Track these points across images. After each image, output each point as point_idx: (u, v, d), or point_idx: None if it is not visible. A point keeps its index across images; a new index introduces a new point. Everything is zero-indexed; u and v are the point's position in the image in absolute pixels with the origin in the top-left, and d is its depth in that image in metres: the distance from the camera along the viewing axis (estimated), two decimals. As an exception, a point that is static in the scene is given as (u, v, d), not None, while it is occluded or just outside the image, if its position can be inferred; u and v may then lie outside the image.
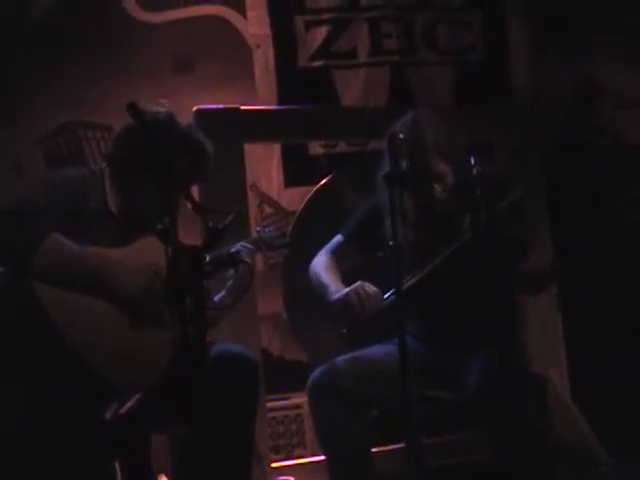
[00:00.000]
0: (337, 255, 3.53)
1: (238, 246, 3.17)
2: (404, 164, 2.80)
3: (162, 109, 2.92)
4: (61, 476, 2.60)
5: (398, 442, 3.42)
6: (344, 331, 3.27)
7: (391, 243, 2.70)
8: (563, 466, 3.58)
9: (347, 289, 3.22)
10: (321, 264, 3.50)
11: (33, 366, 2.63)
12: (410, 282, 3.18)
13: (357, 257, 3.56)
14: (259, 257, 4.37)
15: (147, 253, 2.73)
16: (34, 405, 2.59)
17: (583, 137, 5.05)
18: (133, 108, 2.37)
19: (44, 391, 2.61)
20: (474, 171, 2.89)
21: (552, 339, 4.38)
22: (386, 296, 3.20)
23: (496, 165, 4.06)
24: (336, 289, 3.29)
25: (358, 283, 3.20)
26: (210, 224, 2.44)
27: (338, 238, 3.57)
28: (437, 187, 3.27)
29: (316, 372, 3.26)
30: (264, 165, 4.68)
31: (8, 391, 2.63)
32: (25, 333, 2.64)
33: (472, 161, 2.91)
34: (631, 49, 5.08)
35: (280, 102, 4.66)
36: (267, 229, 3.46)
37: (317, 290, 3.43)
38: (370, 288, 3.19)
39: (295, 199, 4.62)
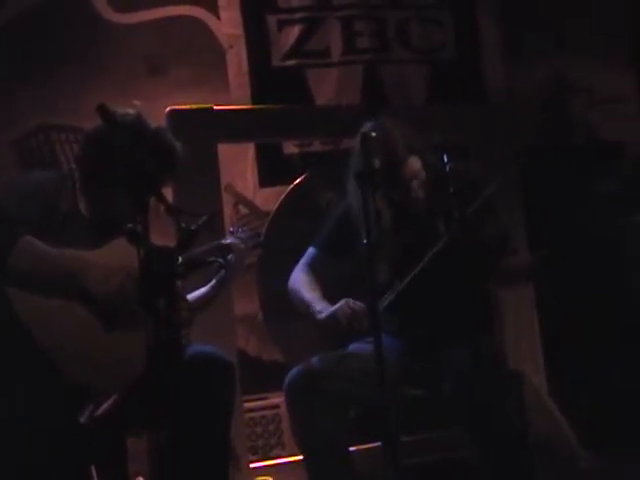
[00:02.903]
0: (314, 268, 3.50)
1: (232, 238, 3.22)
2: (376, 162, 2.80)
3: (131, 110, 2.91)
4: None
5: (376, 441, 3.43)
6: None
7: (365, 241, 2.70)
8: (542, 462, 3.59)
9: (333, 308, 3.20)
10: (300, 281, 3.46)
11: (6, 373, 2.61)
12: (390, 297, 3.17)
13: (334, 266, 3.52)
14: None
15: (120, 255, 2.71)
16: (8, 412, 2.58)
17: (557, 135, 5.07)
18: (102, 109, 2.36)
19: (18, 397, 2.59)
20: (446, 168, 2.90)
21: (529, 336, 4.39)
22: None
23: (469, 163, 4.08)
24: (321, 308, 3.27)
25: (343, 301, 3.19)
26: (183, 225, 2.44)
27: (312, 251, 3.54)
28: (412, 186, 3.27)
29: (293, 372, 3.25)
30: (239, 165, 4.68)
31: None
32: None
33: (444, 158, 2.93)
34: (601, 46, 5.11)
35: (254, 102, 4.66)
36: (241, 229, 3.46)
37: (299, 308, 3.40)
38: (356, 304, 3.16)
39: (270, 199, 4.61)
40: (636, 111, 5.21)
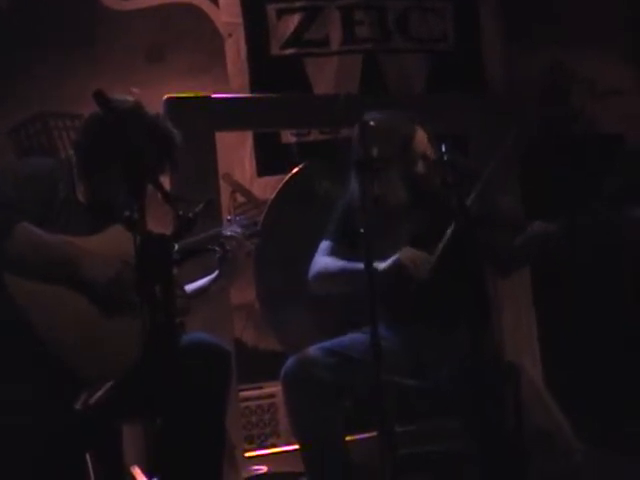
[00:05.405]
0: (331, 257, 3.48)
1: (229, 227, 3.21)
2: (375, 151, 2.80)
3: (130, 97, 2.90)
4: (32, 468, 2.58)
5: (371, 430, 3.43)
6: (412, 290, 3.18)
7: (362, 230, 2.70)
8: (536, 454, 3.59)
9: (394, 257, 3.17)
10: (326, 262, 3.43)
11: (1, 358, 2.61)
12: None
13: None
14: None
15: (117, 242, 2.71)
16: (2, 398, 2.58)
17: (556, 125, 5.06)
18: (100, 96, 2.35)
19: (13, 383, 2.59)
20: (444, 157, 2.91)
21: (526, 329, 4.39)
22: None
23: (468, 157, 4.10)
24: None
25: (404, 248, 3.18)
26: (180, 213, 2.43)
27: (326, 243, 3.51)
28: (428, 155, 3.28)
29: (289, 361, 3.25)
30: (236, 154, 4.67)
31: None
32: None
33: (442, 148, 2.94)
34: (601, 37, 5.11)
35: (252, 90, 4.65)
36: (238, 218, 3.44)
37: (338, 283, 3.37)
38: (416, 250, 3.16)
39: (268, 188, 4.60)
40: (636, 103, 5.20)
